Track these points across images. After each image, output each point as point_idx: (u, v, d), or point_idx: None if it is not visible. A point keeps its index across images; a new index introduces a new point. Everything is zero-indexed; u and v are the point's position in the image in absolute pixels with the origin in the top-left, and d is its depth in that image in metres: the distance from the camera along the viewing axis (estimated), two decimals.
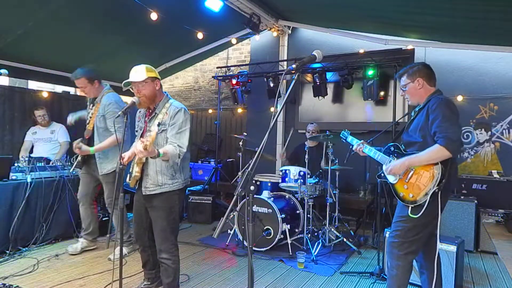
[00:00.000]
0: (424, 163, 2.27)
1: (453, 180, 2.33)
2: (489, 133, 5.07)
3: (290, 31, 6.57)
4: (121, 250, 2.52)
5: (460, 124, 2.28)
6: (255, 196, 2.91)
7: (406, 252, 2.37)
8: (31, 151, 5.03)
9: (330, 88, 5.93)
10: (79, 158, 3.88)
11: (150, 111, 2.76)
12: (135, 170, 2.66)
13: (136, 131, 2.90)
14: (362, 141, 2.77)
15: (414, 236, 2.34)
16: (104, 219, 4.61)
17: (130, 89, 2.69)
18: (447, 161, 2.22)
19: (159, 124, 2.63)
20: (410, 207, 2.31)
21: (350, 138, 2.98)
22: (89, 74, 3.73)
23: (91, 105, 3.87)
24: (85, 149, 3.63)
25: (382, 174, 2.56)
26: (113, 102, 3.75)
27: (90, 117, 3.80)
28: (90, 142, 3.75)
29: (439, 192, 2.22)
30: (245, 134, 5.25)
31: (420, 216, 2.26)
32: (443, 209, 2.40)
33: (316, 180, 4.46)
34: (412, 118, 2.52)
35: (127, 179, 2.76)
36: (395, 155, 2.51)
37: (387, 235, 3.44)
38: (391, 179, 2.48)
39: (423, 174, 2.28)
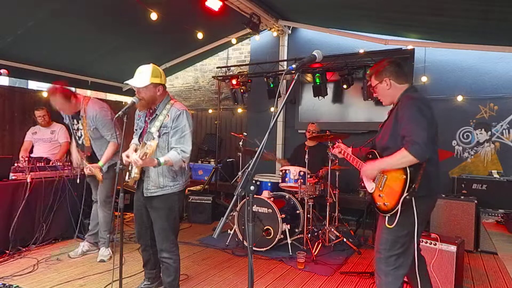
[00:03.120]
0: (392, 168, 2.13)
1: (434, 183, 2.15)
2: (489, 133, 5.06)
3: (290, 31, 6.57)
4: (121, 250, 2.52)
5: (430, 124, 2.07)
6: (255, 196, 2.91)
7: (394, 267, 2.18)
8: (31, 151, 5.03)
9: (330, 88, 5.92)
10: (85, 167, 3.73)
11: (151, 111, 2.76)
12: (135, 171, 2.65)
13: (135, 129, 2.90)
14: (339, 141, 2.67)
15: (399, 248, 2.17)
16: None
17: (132, 87, 2.68)
18: (419, 165, 2.05)
19: (160, 127, 2.64)
20: (386, 217, 2.15)
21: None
22: (64, 92, 3.52)
23: (74, 120, 3.76)
24: (95, 166, 3.60)
25: (363, 184, 2.41)
26: (98, 111, 3.64)
27: (80, 127, 3.74)
28: (92, 155, 3.77)
29: (413, 199, 2.05)
30: (245, 134, 5.25)
31: (396, 226, 2.10)
32: (428, 214, 2.28)
33: (316, 180, 4.46)
34: (384, 121, 2.36)
35: (126, 178, 2.75)
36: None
37: None
38: (369, 188, 2.33)
39: (394, 180, 2.14)
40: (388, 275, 2.19)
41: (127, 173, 2.74)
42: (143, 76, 2.58)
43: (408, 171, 2.06)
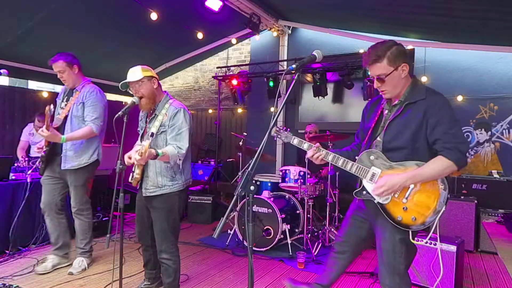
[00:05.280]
0: (428, 180, 1.88)
1: None
2: (489, 133, 5.07)
3: (290, 31, 6.57)
4: (121, 250, 2.52)
5: None
6: (255, 196, 2.91)
7: (407, 270, 2.08)
8: (28, 151, 4.99)
9: (330, 88, 5.92)
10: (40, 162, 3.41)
11: (151, 111, 2.77)
12: (136, 172, 2.67)
13: (138, 131, 2.91)
14: (317, 144, 2.16)
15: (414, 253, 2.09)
16: (104, 219, 4.62)
17: (129, 91, 2.69)
18: None
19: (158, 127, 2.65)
20: (410, 232, 1.93)
21: (294, 139, 2.26)
22: (68, 58, 3.34)
23: (65, 98, 3.46)
24: (54, 134, 3.08)
25: (365, 192, 2.04)
26: (97, 92, 3.44)
27: (65, 106, 3.39)
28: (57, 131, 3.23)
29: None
30: (245, 134, 5.25)
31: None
32: None
33: (316, 180, 4.46)
34: (392, 116, 2.01)
35: (129, 179, 2.75)
36: (379, 166, 2.01)
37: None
38: (380, 198, 1.97)
39: (426, 192, 1.90)
40: (404, 278, 2.05)
41: (131, 175, 2.73)
42: (135, 73, 2.64)
43: (446, 180, 1.88)
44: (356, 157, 2.11)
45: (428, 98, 1.92)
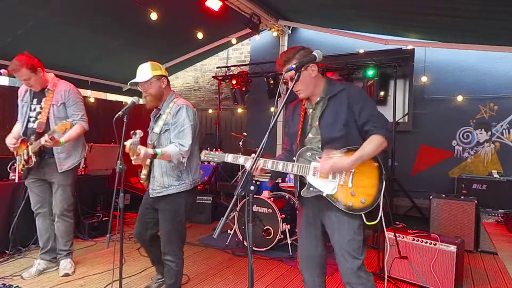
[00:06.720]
0: (369, 158, 1.96)
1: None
2: (489, 133, 5.07)
3: (290, 31, 6.57)
4: (121, 250, 2.51)
5: None
6: (255, 196, 2.91)
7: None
8: None
9: None
10: (27, 160, 3.25)
11: (157, 111, 2.77)
12: (143, 172, 2.68)
13: (148, 130, 2.90)
14: (253, 154, 1.89)
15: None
16: (104, 219, 4.62)
17: (138, 88, 2.68)
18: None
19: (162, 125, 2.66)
20: (363, 215, 1.99)
21: (228, 156, 2.17)
22: (29, 63, 3.16)
23: (35, 99, 3.33)
24: (55, 141, 3.01)
25: (312, 188, 2.04)
26: (73, 88, 3.36)
27: (41, 109, 3.27)
28: (42, 136, 3.08)
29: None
30: (245, 134, 5.26)
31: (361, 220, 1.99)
32: None
33: None
34: (321, 111, 2.08)
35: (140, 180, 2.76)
36: (318, 161, 2.01)
37: (387, 235, 3.44)
38: (327, 189, 2.00)
39: (366, 172, 1.99)
40: (368, 274, 2.05)
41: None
42: (144, 72, 2.62)
43: (379, 158, 1.99)
44: (294, 158, 2.11)
45: (347, 88, 2.08)
